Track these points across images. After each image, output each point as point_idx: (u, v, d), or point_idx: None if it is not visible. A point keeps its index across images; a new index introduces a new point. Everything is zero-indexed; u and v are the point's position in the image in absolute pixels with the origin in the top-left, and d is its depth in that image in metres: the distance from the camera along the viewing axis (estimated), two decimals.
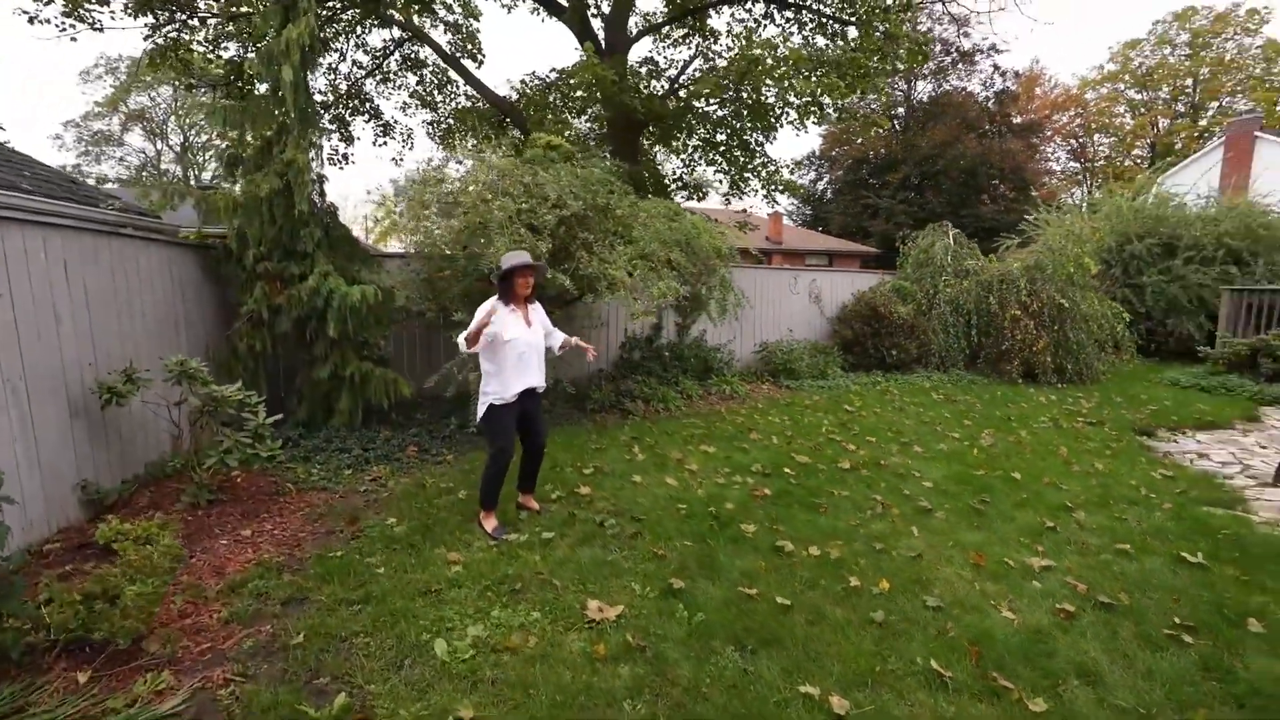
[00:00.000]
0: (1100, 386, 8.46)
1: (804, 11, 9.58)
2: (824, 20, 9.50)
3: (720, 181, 10.30)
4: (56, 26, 8.01)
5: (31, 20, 7.85)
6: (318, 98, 9.97)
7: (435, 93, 11.74)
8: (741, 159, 10.08)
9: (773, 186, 10.57)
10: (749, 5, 9.78)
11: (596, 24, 9.75)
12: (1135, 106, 37.88)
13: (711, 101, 9.13)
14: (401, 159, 13.77)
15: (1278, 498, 4.29)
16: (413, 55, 11.18)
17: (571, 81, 9.48)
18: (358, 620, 2.64)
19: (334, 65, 10.81)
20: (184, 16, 8.67)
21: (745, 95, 8.81)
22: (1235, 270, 10.56)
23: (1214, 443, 5.97)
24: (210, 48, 9.49)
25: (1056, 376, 8.67)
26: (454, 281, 5.50)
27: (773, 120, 9.45)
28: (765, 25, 9.82)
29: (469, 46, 10.74)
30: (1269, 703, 2.18)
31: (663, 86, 10.13)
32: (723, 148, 9.91)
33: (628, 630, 2.58)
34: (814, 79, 8.20)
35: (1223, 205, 12.06)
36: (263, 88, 5.59)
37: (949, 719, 2.12)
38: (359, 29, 10.37)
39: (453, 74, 10.96)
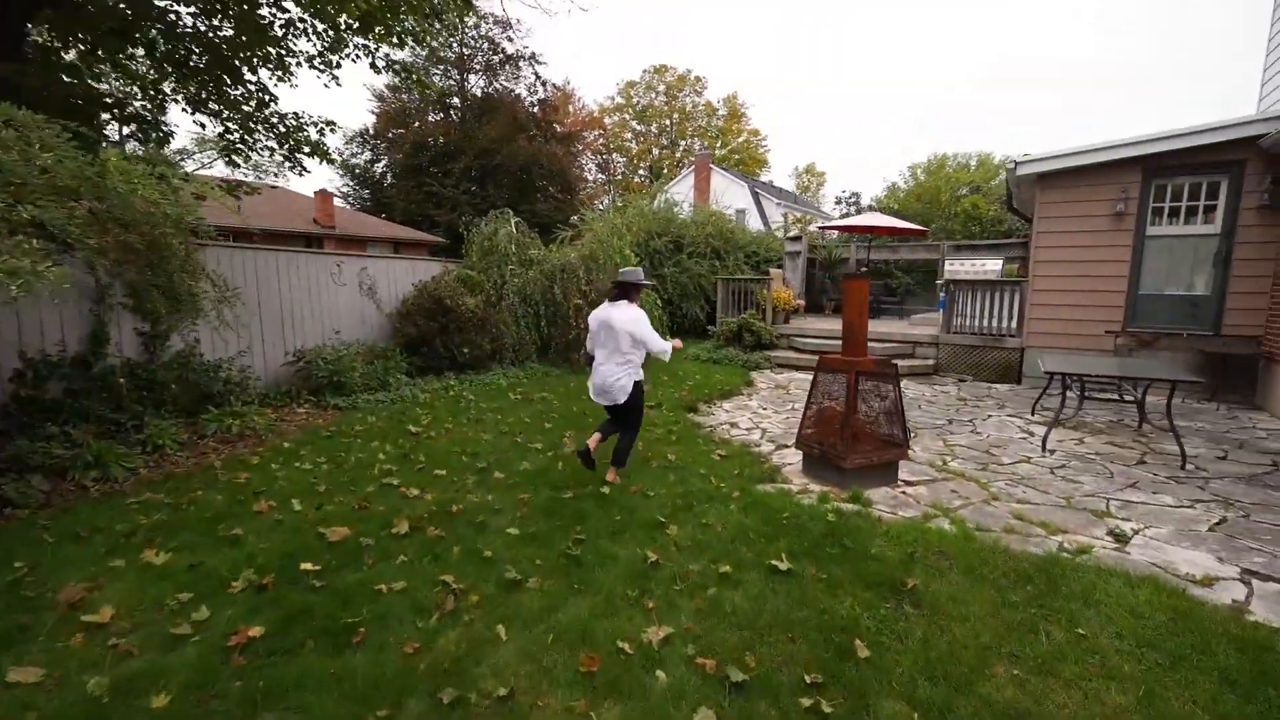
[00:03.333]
0: (648, 368, 9.28)
1: None
2: None
3: (204, 126, 7.20)
4: None
5: None
6: None
7: None
8: (238, 98, 7.25)
9: (297, 148, 8.05)
10: None
11: None
12: (637, 135, 47.59)
13: None
14: None
15: (794, 458, 4.84)
16: None
17: None
18: None
19: None
20: None
21: None
22: (719, 264, 13.45)
23: (735, 409, 6.88)
24: None
25: None
26: None
27: (283, 52, 7.00)
28: None
29: None
30: None
31: None
32: (205, 77, 6.89)
33: None
34: None
35: (704, 212, 15.31)
36: None
37: None
38: None
39: None
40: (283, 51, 7.20)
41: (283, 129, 7.98)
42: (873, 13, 73.99)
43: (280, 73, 7.66)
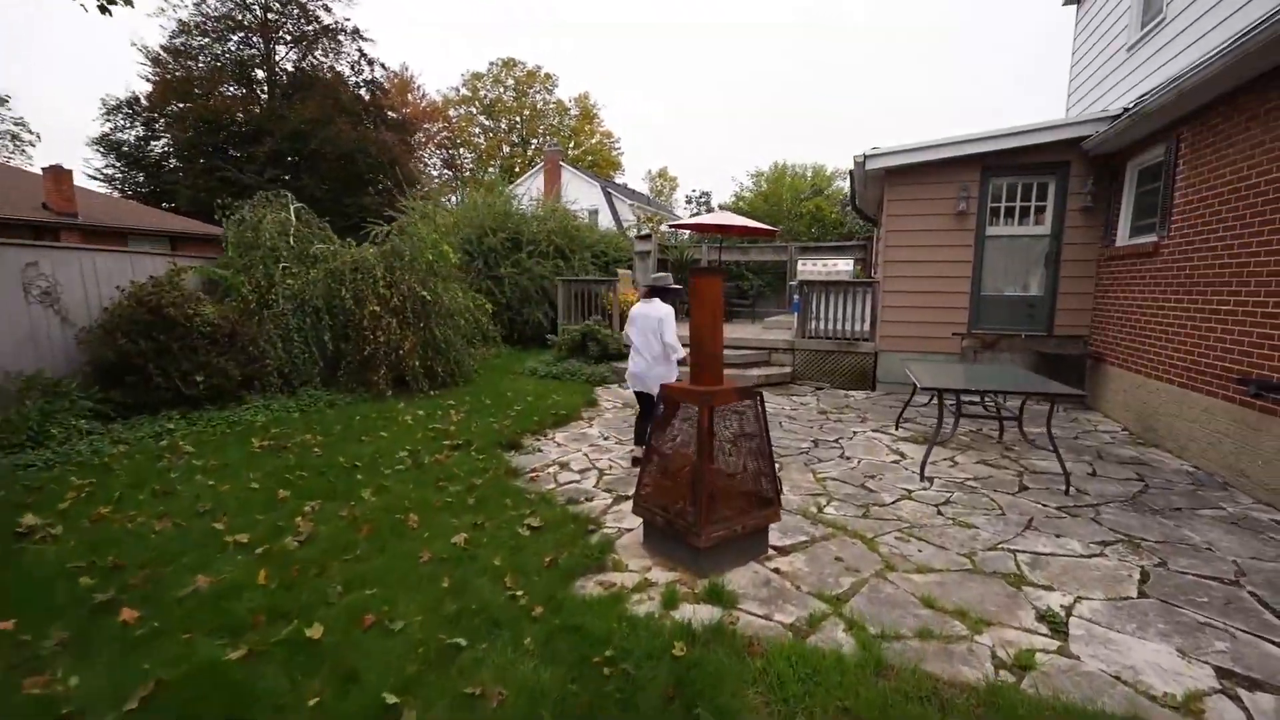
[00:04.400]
0: (472, 387, 7.60)
1: None
2: None
3: None
4: None
5: None
6: None
7: None
8: None
9: None
10: None
11: None
12: (486, 131, 44.82)
13: None
14: None
15: (634, 522, 3.54)
16: None
17: None
18: None
19: None
20: None
21: None
22: (564, 264, 12.03)
23: (570, 443, 5.47)
24: None
25: (428, 382, 7.34)
26: None
27: None
28: None
29: None
30: None
31: None
32: None
33: None
34: None
35: (547, 206, 13.80)
36: None
37: None
38: None
39: None
40: None
41: None
42: None
43: None
